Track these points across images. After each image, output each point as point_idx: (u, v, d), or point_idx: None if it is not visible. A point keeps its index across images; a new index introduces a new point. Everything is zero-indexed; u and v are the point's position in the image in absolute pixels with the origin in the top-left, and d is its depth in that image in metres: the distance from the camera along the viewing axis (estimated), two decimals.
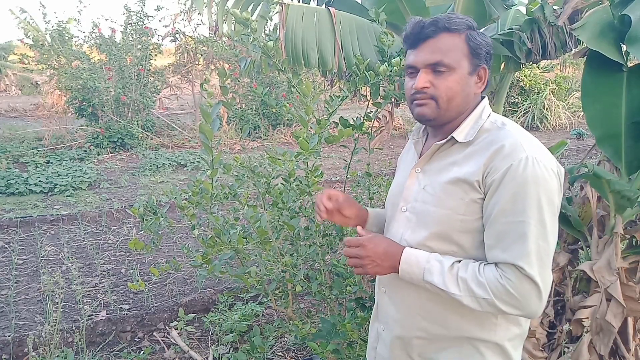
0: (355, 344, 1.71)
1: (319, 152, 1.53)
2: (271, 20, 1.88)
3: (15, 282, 3.25)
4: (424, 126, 1.14)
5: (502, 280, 0.94)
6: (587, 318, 1.71)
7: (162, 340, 2.64)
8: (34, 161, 6.30)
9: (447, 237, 1.01)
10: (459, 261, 1.00)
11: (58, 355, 2.36)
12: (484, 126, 1.02)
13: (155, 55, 8.04)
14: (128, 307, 2.97)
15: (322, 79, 7.22)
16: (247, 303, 2.89)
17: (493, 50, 1.04)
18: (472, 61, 1.00)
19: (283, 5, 1.85)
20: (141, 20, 7.65)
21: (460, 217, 0.99)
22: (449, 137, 1.03)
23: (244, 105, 8.53)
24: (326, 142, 1.56)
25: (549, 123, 9.79)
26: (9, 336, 2.54)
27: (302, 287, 1.72)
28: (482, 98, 1.08)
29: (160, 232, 1.72)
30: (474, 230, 1.00)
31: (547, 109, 9.84)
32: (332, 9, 2.00)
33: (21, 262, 3.60)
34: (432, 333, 1.07)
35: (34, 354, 2.28)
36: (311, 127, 1.56)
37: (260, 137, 8.29)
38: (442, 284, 0.97)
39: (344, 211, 1.19)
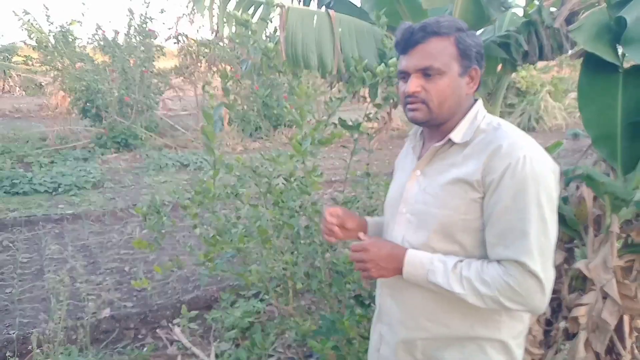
0: (355, 341, 1.74)
1: (312, 153, 1.55)
2: (271, 22, 1.91)
3: (20, 281, 3.29)
4: (420, 130, 1.16)
5: (505, 277, 0.95)
6: (583, 316, 1.72)
7: (165, 337, 2.67)
8: (39, 161, 6.34)
9: (450, 237, 1.03)
10: (462, 260, 1.01)
11: (62, 353, 2.38)
12: (480, 127, 1.04)
13: (158, 57, 8.09)
14: (132, 305, 3.00)
15: (322, 80, 7.24)
16: (248, 300, 2.91)
17: (484, 50, 1.05)
18: (462, 63, 1.02)
19: (283, 8, 1.88)
20: (144, 22, 7.70)
21: (462, 216, 1.01)
22: (446, 139, 1.05)
23: (245, 106, 8.56)
24: (320, 144, 1.58)
25: (545, 124, 9.78)
26: (13, 334, 2.57)
27: (302, 284, 1.74)
28: (476, 100, 1.10)
29: (163, 231, 1.74)
30: (475, 229, 1.01)
31: (543, 109, 9.84)
32: (331, 12, 2.03)
33: (25, 260, 3.64)
34: (436, 333, 1.08)
35: (38, 351, 2.31)
36: (305, 130, 1.58)
37: (262, 138, 8.32)
38: (447, 284, 0.99)
39: (347, 224, 1.19)
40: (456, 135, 1.04)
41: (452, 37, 1.01)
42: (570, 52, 1.93)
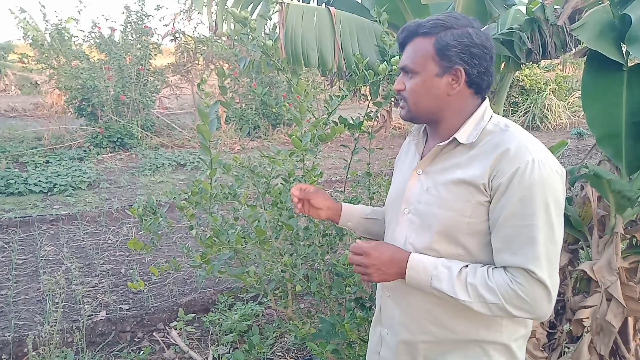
0: (355, 344, 1.71)
1: (313, 151, 1.53)
2: (270, 19, 1.87)
3: (15, 282, 3.25)
4: (423, 127, 1.14)
5: (512, 284, 0.93)
6: (588, 318, 1.70)
7: (161, 340, 2.63)
8: (34, 161, 6.29)
9: (453, 239, 1.01)
10: (467, 266, 0.99)
11: (58, 355, 2.36)
12: (486, 128, 1.02)
13: (155, 54, 8.03)
14: (128, 307, 2.97)
15: (322, 78, 7.22)
16: (246, 303, 2.89)
17: (479, 49, 0.99)
18: (440, 63, 1.00)
19: (283, 4, 1.85)
20: (141, 19, 7.65)
21: (467, 219, 0.99)
22: (451, 139, 1.03)
23: (243, 104, 8.52)
24: (319, 140, 1.56)
25: (550, 123, 9.79)
26: (8, 336, 2.53)
27: (301, 287, 1.72)
28: (484, 99, 1.07)
29: (159, 232, 1.71)
30: (480, 233, 0.99)
31: (547, 108, 9.85)
32: (332, 9, 2.00)
33: (21, 262, 3.60)
34: (439, 336, 1.06)
35: (33, 353, 2.28)
36: (306, 127, 1.56)
37: (260, 137, 8.29)
38: (451, 291, 0.97)
39: (313, 201, 1.23)
40: (462, 135, 1.02)
41: (434, 37, 1.00)
42: (574, 50, 1.91)
